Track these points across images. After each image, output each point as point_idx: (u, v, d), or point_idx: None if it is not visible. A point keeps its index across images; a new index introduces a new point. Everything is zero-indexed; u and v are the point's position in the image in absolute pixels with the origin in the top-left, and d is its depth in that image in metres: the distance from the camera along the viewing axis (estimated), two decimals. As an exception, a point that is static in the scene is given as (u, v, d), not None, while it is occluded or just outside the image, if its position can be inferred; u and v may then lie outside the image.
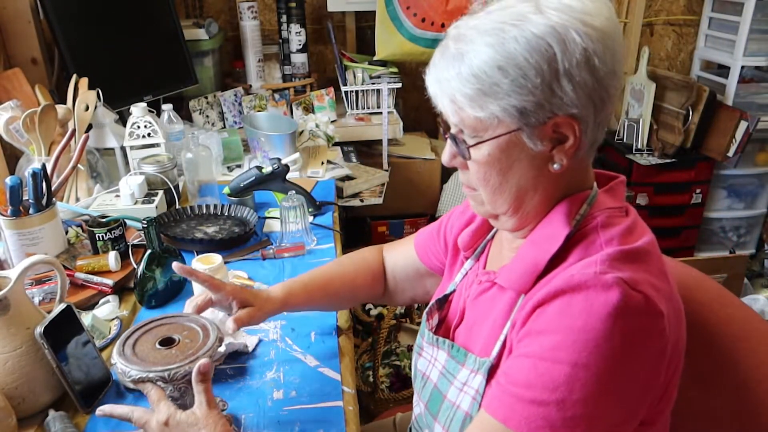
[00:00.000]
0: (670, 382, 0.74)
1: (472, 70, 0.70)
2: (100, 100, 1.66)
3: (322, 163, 1.98)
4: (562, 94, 0.69)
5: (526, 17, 0.68)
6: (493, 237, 0.93)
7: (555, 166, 0.73)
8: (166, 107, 1.85)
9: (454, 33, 0.74)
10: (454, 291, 0.94)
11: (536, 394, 0.67)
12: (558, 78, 0.68)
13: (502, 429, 0.68)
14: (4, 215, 1.20)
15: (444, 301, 0.95)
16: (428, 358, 0.90)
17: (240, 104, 2.26)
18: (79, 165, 1.53)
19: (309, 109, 2.30)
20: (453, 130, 0.77)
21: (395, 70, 2.38)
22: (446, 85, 0.73)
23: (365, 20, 2.57)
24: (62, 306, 0.96)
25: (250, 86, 2.34)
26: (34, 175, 1.19)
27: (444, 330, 0.92)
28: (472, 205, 0.84)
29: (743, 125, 2.41)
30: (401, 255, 1.14)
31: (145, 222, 1.17)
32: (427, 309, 0.95)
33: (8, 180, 1.16)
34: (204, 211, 1.58)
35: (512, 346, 0.74)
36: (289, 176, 1.60)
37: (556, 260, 0.74)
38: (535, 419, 0.67)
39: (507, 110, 0.70)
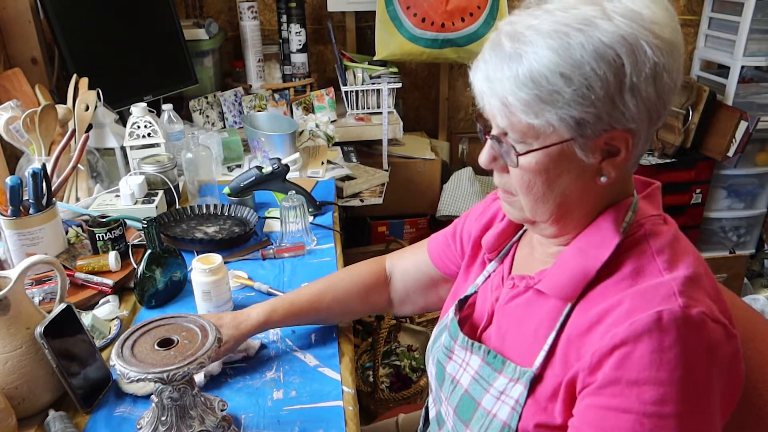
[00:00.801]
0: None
1: (532, 74, 0.65)
2: (100, 100, 1.66)
3: (322, 163, 1.98)
4: (624, 108, 0.66)
5: (593, 22, 0.64)
6: (519, 239, 0.90)
7: (602, 179, 0.71)
8: (166, 107, 1.85)
9: (509, 30, 0.68)
10: (475, 292, 0.92)
11: None
12: (622, 91, 0.65)
13: None
14: (4, 215, 1.20)
15: (464, 302, 0.92)
16: (459, 362, 0.86)
17: (240, 104, 2.26)
18: (79, 165, 1.53)
19: (309, 109, 2.30)
20: (495, 132, 0.73)
21: (395, 70, 2.38)
22: (498, 85, 0.68)
23: (365, 20, 2.57)
24: (62, 306, 0.96)
25: (250, 86, 2.34)
26: (34, 175, 1.19)
27: (468, 332, 0.88)
28: (506, 210, 0.81)
29: (743, 125, 2.42)
30: (411, 263, 1.12)
31: (145, 222, 1.17)
32: (454, 309, 0.92)
33: (8, 180, 1.16)
34: (204, 211, 1.58)
35: (571, 367, 0.70)
36: (289, 176, 1.60)
37: (605, 269, 0.72)
38: None
39: (564, 120, 0.66)
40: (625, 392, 0.65)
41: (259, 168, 1.59)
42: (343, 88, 2.33)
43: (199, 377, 1.00)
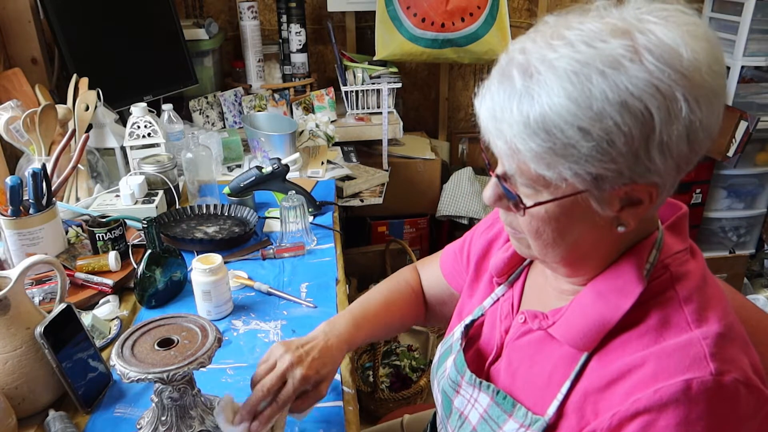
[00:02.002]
0: None
1: (544, 124, 0.57)
2: (100, 100, 1.66)
3: (322, 163, 1.98)
4: (650, 164, 0.58)
5: (620, 64, 0.55)
6: (530, 263, 0.85)
7: (620, 228, 0.64)
8: (166, 107, 1.85)
9: (521, 61, 0.59)
10: (482, 315, 0.87)
11: None
12: (648, 148, 0.57)
13: None
14: (4, 215, 1.20)
15: (470, 326, 0.87)
16: (467, 397, 0.81)
17: (240, 104, 2.26)
18: (79, 165, 1.53)
19: (309, 109, 2.30)
20: (501, 171, 0.66)
21: (395, 70, 2.38)
22: (506, 128, 0.60)
23: (365, 20, 2.57)
24: (62, 306, 0.96)
25: (250, 86, 2.34)
26: (34, 175, 1.19)
27: (475, 362, 0.84)
28: (514, 244, 0.75)
29: (743, 125, 2.41)
30: (432, 275, 1.08)
31: (145, 222, 1.17)
32: (458, 337, 0.86)
33: (8, 180, 1.16)
34: (204, 211, 1.58)
35: (588, 423, 0.65)
36: (289, 176, 1.60)
37: (626, 317, 0.66)
38: None
39: (579, 175, 0.58)
40: None
41: (259, 168, 1.59)
42: (343, 88, 2.33)
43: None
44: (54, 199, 1.27)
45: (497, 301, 0.86)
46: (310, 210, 1.59)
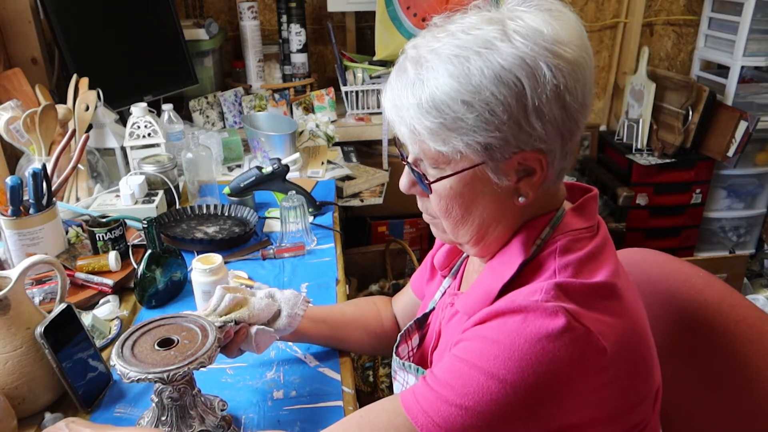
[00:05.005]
0: (627, 412, 0.70)
1: (434, 102, 0.65)
2: (100, 100, 1.66)
3: (322, 163, 1.98)
4: (531, 130, 0.65)
5: (493, 45, 0.63)
6: (468, 256, 0.91)
7: (520, 199, 0.70)
8: (166, 107, 1.85)
9: (413, 54, 0.68)
10: (433, 309, 0.92)
11: (447, 393, 0.66)
12: (527, 114, 0.64)
13: (403, 417, 0.68)
14: (4, 215, 1.20)
15: (424, 321, 0.93)
16: (402, 382, 0.89)
17: (240, 104, 2.26)
18: (79, 165, 1.53)
19: (309, 109, 2.30)
20: (410, 159, 0.73)
21: (395, 70, 2.38)
22: (405, 113, 0.67)
23: (365, 20, 2.57)
24: (62, 306, 0.96)
25: (250, 86, 2.34)
26: (35, 175, 1.19)
27: (421, 352, 0.90)
28: (434, 231, 0.82)
29: (743, 125, 2.42)
30: (405, 296, 1.12)
31: (145, 222, 1.17)
32: (402, 331, 0.93)
33: (8, 180, 1.16)
34: (204, 211, 1.58)
35: None
36: (289, 176, 1.60)
37: (509, 288, 0.71)
38: (437, 414, 0.66)
39: (471, 146, 0.66)
40: (459, 344, 0.69)
41: (259, 168, 1.59)
42: (343, 88, 2.33)
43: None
44: (54, 199, 1.27)
45: (444, 294, 0.91)
46: (310, 210, 1.59)
